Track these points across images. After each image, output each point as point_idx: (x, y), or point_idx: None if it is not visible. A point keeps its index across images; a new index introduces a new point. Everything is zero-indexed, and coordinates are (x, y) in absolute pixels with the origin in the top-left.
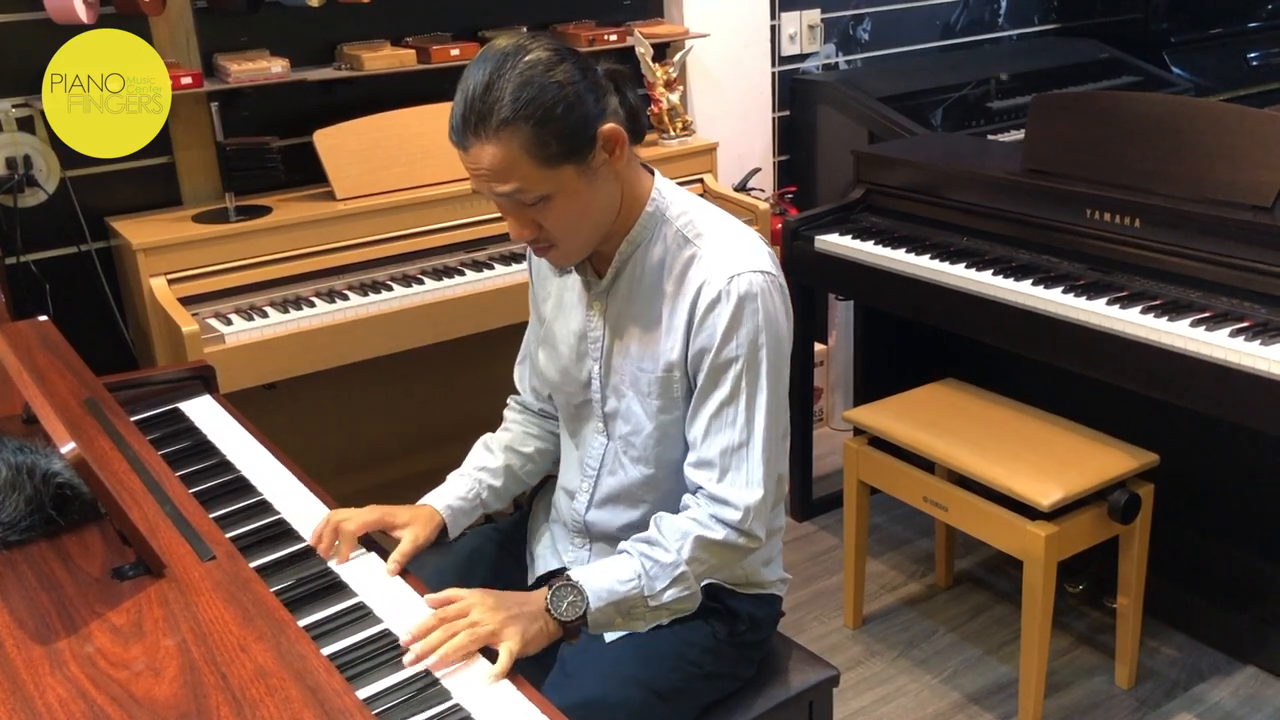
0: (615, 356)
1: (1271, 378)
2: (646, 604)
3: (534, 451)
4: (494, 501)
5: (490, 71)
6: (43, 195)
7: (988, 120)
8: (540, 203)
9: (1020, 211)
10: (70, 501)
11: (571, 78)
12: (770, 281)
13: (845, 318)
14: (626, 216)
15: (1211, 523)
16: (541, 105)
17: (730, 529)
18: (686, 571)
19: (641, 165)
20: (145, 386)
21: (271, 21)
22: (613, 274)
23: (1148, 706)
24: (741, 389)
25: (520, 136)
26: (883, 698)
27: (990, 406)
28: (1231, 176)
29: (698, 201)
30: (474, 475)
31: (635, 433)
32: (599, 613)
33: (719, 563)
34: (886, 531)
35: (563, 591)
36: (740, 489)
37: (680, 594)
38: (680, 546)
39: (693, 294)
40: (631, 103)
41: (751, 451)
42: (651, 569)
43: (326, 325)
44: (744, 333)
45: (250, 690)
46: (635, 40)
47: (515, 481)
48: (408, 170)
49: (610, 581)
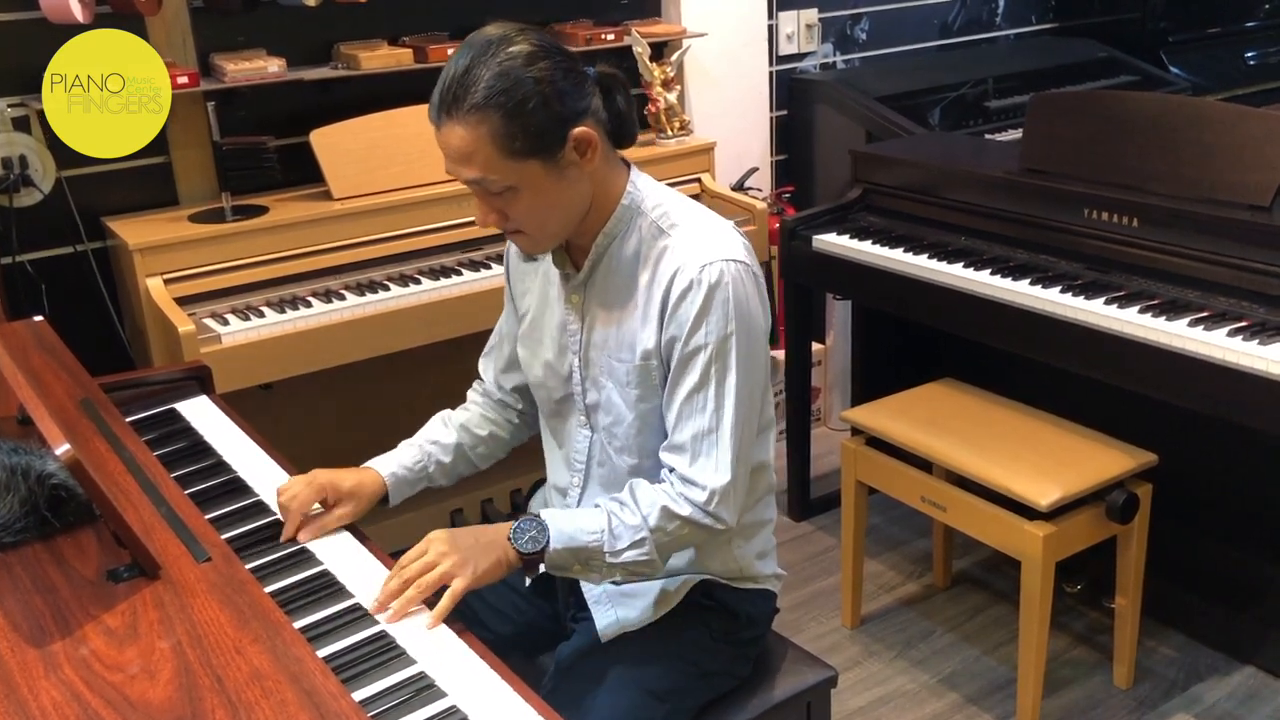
0: (593, 348)
1: (1269, 377)
2: (605, 558)
3: (488, 435)
4: (439, 477)
5: (473, 56)
6: (38, 195)
7: (985, 120)
8: (506, 192)
9: (1018, 211)
10: (65, 503)
11: (550, 75)
12: (742, 269)
13: (843, 317)
14: (601, 211)
15: (1210, 523)
16: (514, 97)
17: (696, 508)
18: (648, 537)
19: (620, 159)
20: (141, 387)
21: (268, 21)
22: (589, 266)
23: (1146, 706)
24: (711, 376)
25: (489, 124)
26: (881, 698)
27: (988, 406)
28: (1229, 176)
29: (672, 194)
30: (425, 447)
31: (617, 423)
32: (557, 554)
33: (682, 536)
34: (884, 532)
35: (527, 525)
36: (709, 472)
37: (638, 556)
38: (649, 513)
39: (665, 283)
40: (620, 108)
41: (720, 437)
42: (617, 527)
43: (323, 325)
44: (713, 320)
45: (246, 693)
46: (633, 39)
47: (464, 461)
48: (405, 170)
49: (575, 528)
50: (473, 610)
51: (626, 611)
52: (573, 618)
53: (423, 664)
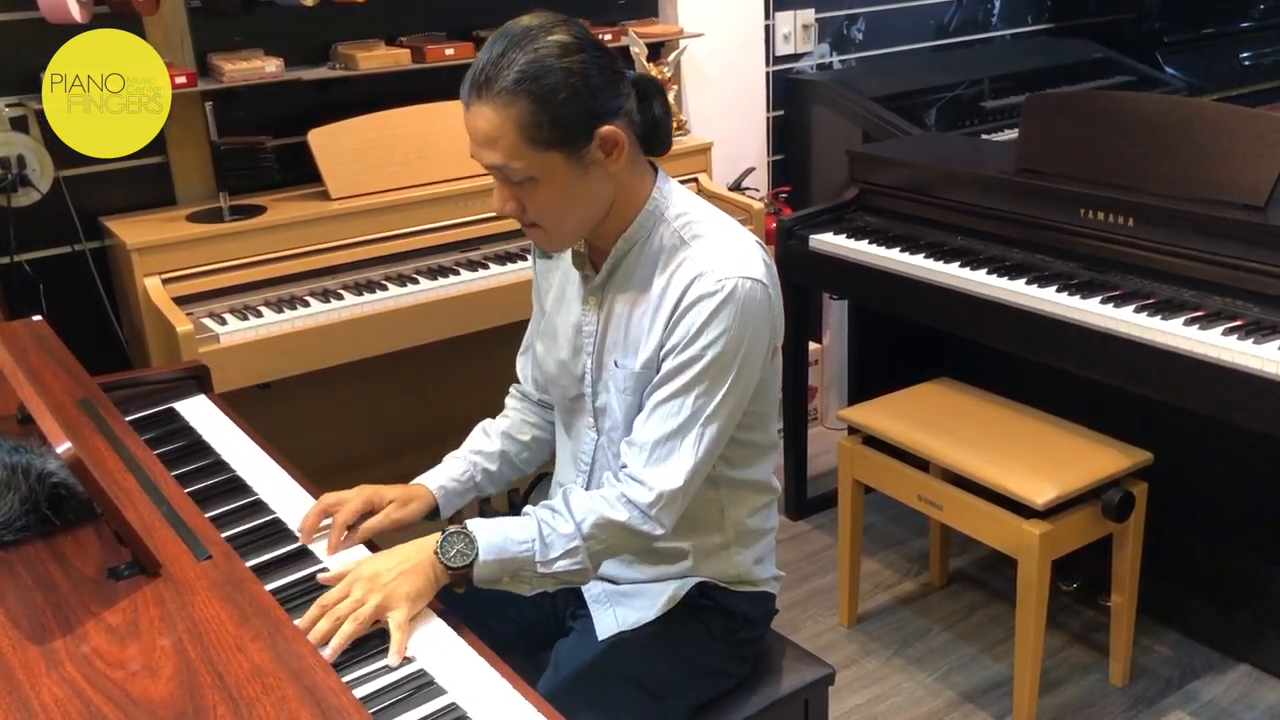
0: (605, 352)
1: (1264, 376)
2: (536, 569)
3: (530, 440)
4: (488, 485)
5: (509, 42)
6: (36, 195)
7: (981, 120)
8: (527, 182)
9: (1014, 211)
10: (65, 501)
11: (584, 68)
12: (757, 288)
13: (839, 317)
14: (624, 214)
15: (1205, 521)
16: (545, 86)
17: (636, 510)
18: (580, 546)
19: (648, 164)
20: (140, 386)
21: (266, 21)
22: (607, 270)
23: (1142, 704)
24: (694, 387)
25: (516, 109)
26: (877, 696)
27: (984, 405)
28: (1224, 176)
29: (698, 202)
30: (469, 458)
31: (615, 428)
32: (485, 567)
33: (617, 545)
34: (881, 530)
35: (454, 539)
36: (661, 475)
37: (571, 566)
38: (582, 520)
39: (678, 294)
40: (655, 114)
41: (684, 443)
42: (549, 535)
43: (321, 325)
44: (714, 334)
45: (247, 689)
46: (630, 40)
47: (510, 467)
48: (402, 170)
49: (503, 538)
50: (472, 608)
51: (625, 611)
52: (571, 615)
53: (422, 661)
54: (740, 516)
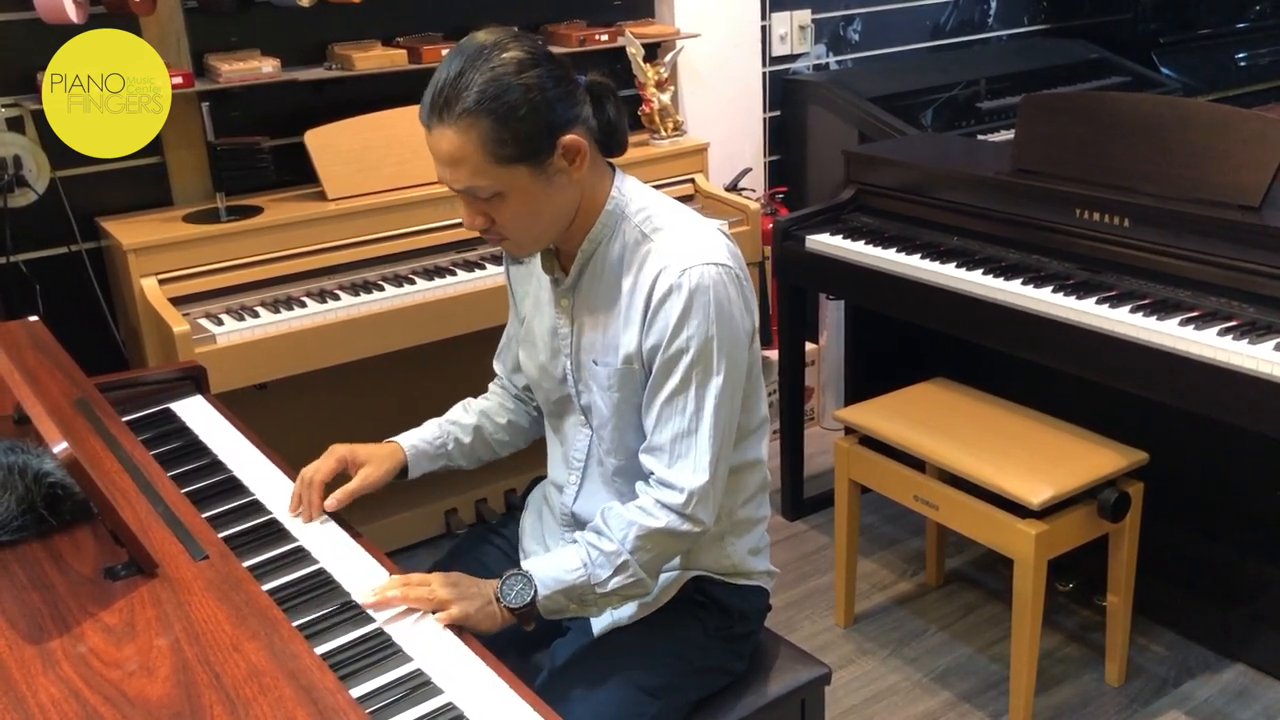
0: (582, 352)
1: (1259, 376)
2: (595, 591)
3: (506, 424)
4: (459, 457)
5: (465, 61)
6: (33, 195)
7: (977, 120)
8: (494, 198)
9: (1010, 211)
10: (62, 501)
11: (541, 83)
12: (724, 273)
13: (836, 317)
14: (587, 216)
15: (1201, 521)
16: (505, 104)
17: (673, 514)
18: (629, 560)
19: (607, 165)
20: (136, 387)
21: (262, 21)
22: (576, 271)
23: (1137, 704)
24: (691, 379)
25: (479, 129)
26: (874, 696)
27: (980, 405)
28: (1220, 176)
29: (657, 197)
30: (445, 426)
31: (603, 425)
32: (548, 599)
33: (664, 550)
34: (877, 530)
35: (513, 581)
36: (686, 474)
37: (625, 581)
38: (624, 536)
39: (648, 287)
40: (610, 117)
41: (699, 439)
42: (596, 558)
43: (318, 325)
44: (695, 324)
45: (243, 689)
46: (626, 40)
47: (484, 445)
48: (399, 170)
49: (557, 570)
50: None
51: (620, 608)
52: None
53: (419, 661)
54: (732, 505)
